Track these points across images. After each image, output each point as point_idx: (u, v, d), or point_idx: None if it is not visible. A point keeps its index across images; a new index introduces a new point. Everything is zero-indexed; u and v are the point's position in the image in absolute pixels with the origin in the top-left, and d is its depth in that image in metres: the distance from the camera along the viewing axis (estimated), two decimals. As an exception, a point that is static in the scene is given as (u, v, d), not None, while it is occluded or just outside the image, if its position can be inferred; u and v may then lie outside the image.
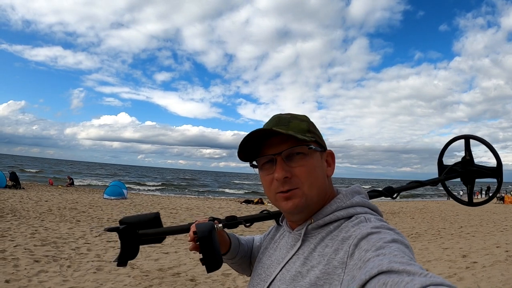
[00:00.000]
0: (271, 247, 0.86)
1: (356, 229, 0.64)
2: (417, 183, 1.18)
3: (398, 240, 0.57)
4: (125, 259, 0.93)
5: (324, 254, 0.66)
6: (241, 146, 0.73)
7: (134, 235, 0.94)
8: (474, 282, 4.59)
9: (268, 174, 0.73)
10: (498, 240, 8.01)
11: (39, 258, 4.87)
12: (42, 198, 12.58)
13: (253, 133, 0.71)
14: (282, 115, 0.77)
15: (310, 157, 0.72)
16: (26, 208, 9.81)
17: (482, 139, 1.22)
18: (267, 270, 0.79)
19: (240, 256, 0.97)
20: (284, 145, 0.71)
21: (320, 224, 0.71)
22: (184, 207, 13.60)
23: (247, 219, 0.97)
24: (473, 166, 1.24)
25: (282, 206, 0.73)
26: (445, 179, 1.26)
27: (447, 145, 1.33)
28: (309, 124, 0.77)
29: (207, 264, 0.75)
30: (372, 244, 0.56)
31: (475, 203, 1.32)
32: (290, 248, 0.76)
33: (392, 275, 0.46)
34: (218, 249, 0.77)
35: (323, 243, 0.68)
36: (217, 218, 0.90)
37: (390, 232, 0.60)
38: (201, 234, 0.76)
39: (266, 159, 0.73)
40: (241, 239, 1.00)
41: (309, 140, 0.72)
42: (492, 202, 22.99)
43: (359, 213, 0.70)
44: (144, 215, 0.99)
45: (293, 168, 0.70)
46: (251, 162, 0.77)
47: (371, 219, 0.67)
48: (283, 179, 0.69)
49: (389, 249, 0.53)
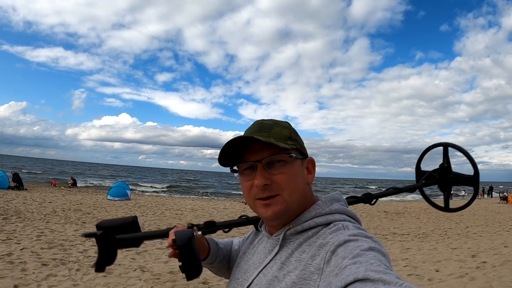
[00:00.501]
0: (249, 252, 0.86)
1: (333, 236, 0.65)
2: (395, 189, 1.20)
3: (375, 248, 0.57)
4: (103, 265, 0.91)
5: (301, 259, 0.66)
6: (222, 151, 0.73)
7: (112, 240, 0.92)
8: (486, 282, 4.56)
9: (248, 180, 0.73)
10: (505, 239, 7.98)
11: (47, 262, 4.83)
12: (45, 199, 12.56)
13: (235, 140, 0.71)
14: (265, 121, 0.78)
15: (290, 164, 0.72)
16: (30, 209, 9.77)
17: (460, 147, 1.24)
18: (244, 275, 0.79)
19: (219, 260, 0.97)
20: (265, 152, 0.71)
21: (298, 230, 0.72)
22: (189, 208, 13.58)
23: (225, 225, 0.98)
24: (450, 174, 1.25)
25: (261, 212, 0.73)
26: (422, 186, 1.27)
27: (425, 151, 1.34)
28: (291, 131, 0.77)
29: (186, 272, 0.75)
30: (349, 251, 0.57)
31: (451, 209, 1.33)
32: (268, 253, 0.76)
33: (367, 283, 0.46)
34: (198, 257, 0.76)
35: (301, 249, 0.69)
36: (196, 225, 0.90)
37: (367, 240, 0.60)
38: (181, 243, 0.75)
39: (246, 165, 0.73)
40: (219, 243, 1.00)
41: (290, 148, 0.72)
42: (495, 202, 22.99)
43: (337, 220, 0.71)
44: (122, 219, 0.97)
45: (273, 176, 0.70)
46: (231, 167, 0.77)
47: (349, 226, 0.68)
48: (262, 186, 0.70)
49: (366, 257, 0.54)
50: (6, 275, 4.14)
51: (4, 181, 15.65)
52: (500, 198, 24.02)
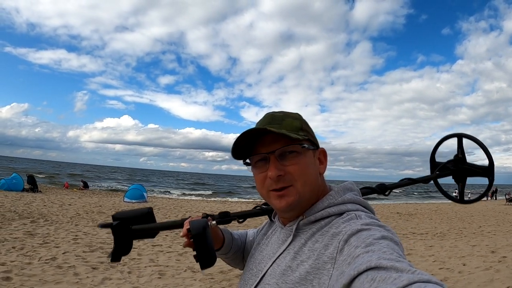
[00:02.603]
0: (263, 243, 0.87)
1: (346, 225, 0.65)
2: (409, 180, 1.18)
3: (387, 237, 0.58)
4: (118, 255, 0.92)
5: (314, 249, 0.66)
6: (235, 144, 0.74)
7: (127, 230, 0.93)
8: (511, 273, 4.89)
9: (261, 172, 0.73)
10: (520, 237, 8.25)
11: (96, 265, 4.77)
12: (64, 202, 12.51)
13: (247, 132, 0.72)
14: (275, 113, 0.78)
15: (303, 155, 0.72)
16: (53, 212, 9.71)
17: (475, 138, 1.22)
18: (259, 265, 0.79)
19: (234, 251, 0.98)
20: (277, 143, 0.71)
21: (311, 220, 0.72)
22: (208, 211, 13.42)
23: (240, 215, 0.98)
24: (465, 165, 1.23)
25: (275, 204, 0.73)
26: (437, 177, 1.25)
27: (440, 142, 1.33)
28: (302, 122, 0.77)
29: (201, 261, 0.75)
30: (362, 240, 0.57)
31: (466, 201, 1.32)
32: (281, 243, 0.76)
33: (380, 271, 0.46)
34: (212, 246, 0.77)
35: (314, 238, 0.69)
36: (210, 215, 0.91)
37: (380, 229, 0.61)
38: (195, 231, 0.76)
39: (259, 157, 0.74)
40: (234, 234, 1.01)
41: (302, 138, 0.72)
42: (501, 204, 22.95)
43: (350, 210, 0.71)
44: (137, 210, 0.98)
45: (286, 167, 0.71)
46: (244, 160, 0.77)
47: (361, 216, 0.68)
48: (276, 177, 0.70)
49: (379, 246, 0.54)
50: (61, 280, 4.09)
51: (19, 183, 15.57)
52: (506, 200, 24.11)
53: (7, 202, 10.73)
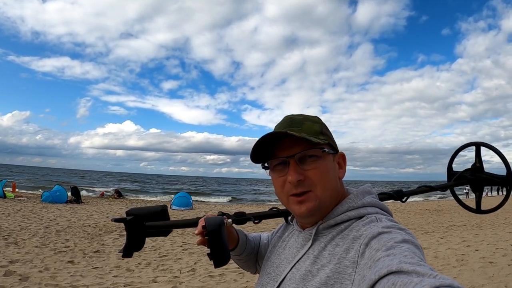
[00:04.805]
0: (279, 246, 0.86)
1: (367, 228, 0.65)
2: (427, 187, 1.18)
3: (408, 240, 0.57)
4: (130, 251, 0.93)
5: (335, 253, 0.66)
6: (254, 148, 0.73)
7: (141, 227, 0.94)
8: None
9: (281, 176, 0.72)
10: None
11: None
12: (116, 212, 12.65)
13: (267, 136, 0.71)
14: (295, 116, 0.76)
15: (323, 159, 0.71)
16: (115, 224, 9.37)
17: (493, 147, 1.20)
18: (277, 269, 0.78)
19: (247, 253, 0.98)
20: (297, 147, 0.70)
21: (331, 224, 0.71)
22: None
23: (256, 216, 0.97)
24: (482, 174, 1.22)
25: (294, 209, 0.72)
26: (454, 185, 1.26)
27: (458, 151, 1.32)
28: (322, 126, 0.76)
29: (214, 259, 0.75)
30: (383, 243, 0.56)
31: (483, 211, 1.29)
32: (300, 247, 0.76)
33: (401, 275, 0.46)
34: (226, 244, 0.77)
35: (334, 242, 0.68)
36: (226, 214, 0.90)
37: (401, 232, 0.60)
38: (211, 228, 0.75)
39: (278, 161, 0.72)
40: (248, 236, 1.00)
41: (322, 142, 0.71)
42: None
43: (370, 213, 0.70)
44: (152, 207, 0.99)
45: (306, 171, 0.70)
46: (263, 163, 0.76)
47: (382, 219, 0.67)
48: (296, 182, 0.69)
49: (400, 249, 0.53)
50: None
51: (63, 195, 15.69)
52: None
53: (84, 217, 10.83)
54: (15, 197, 15.49)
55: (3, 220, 8.80)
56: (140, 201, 20.32)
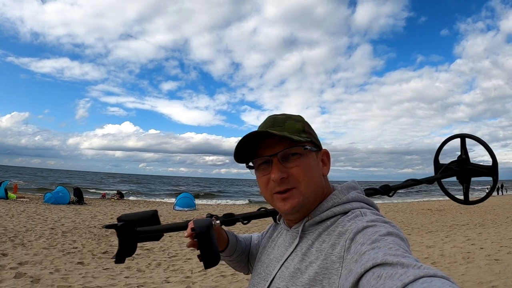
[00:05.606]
0: (269, 246, 0.88)
1: (352, 223, 0.66)
2: (413, 181, 1.19)
3: (393, 233, 0.58)
4: (123, 256, 0.94)
5: (322, 249, 0.67)
6: (237, 148, 0.74)
7: (132, 232, 0.95)
8: None
9: (265, 175, 0.74)
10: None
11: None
12: (120, 213, 12.62)
13: (249, 135, 0.72)
14: (277, 115, 0.78)
15: (305, 157, 0.73)
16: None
17: (478, 138, 1.21)
18: (267, 269, 0.80)
19: (238, 254, 0.99)
20: (279, 146, 0.72)
21: (317, 221, 0.73)
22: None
23: (244, 217, 0.98)
24: (468, 165, 1.23)
25: (279, 206, 0.74)
26: (441, 178, 1.26)
27: (443, 144, 1.33)
28: (304, 124, 0.78)
29: (204, 261, 0.77)
30: (368, 237, 0.57)
31: (471, 201, 1.31)
32: (288, 246, 0.77)
33: (386, 267, 0.47)
34: (215, 246, 0.79)
35: (320, 239, 0.69)
36: (214, 215, 0.91)
37: (385, 225, 0.61)
38: (199, 230, 0.77)
39: (262, 160, 0.74)
40: (239, 237, 1.02)
41: (304, 140, 0.73)
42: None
43: (355, 208, 0.71)
44: (142, 213, 1.00)
45: (289, 169, 0.71)
46: (247, 163, 0.78)
47: (366, 213, 0.68)
48: (279, 179, 0.70)
49: (384, 242, 0.54)
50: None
51: (65, 196, 15.63)
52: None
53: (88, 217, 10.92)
54: (17, 198, 15.47)
55: (8, 221, 8.79)
56: (142, 202, 20.44)
